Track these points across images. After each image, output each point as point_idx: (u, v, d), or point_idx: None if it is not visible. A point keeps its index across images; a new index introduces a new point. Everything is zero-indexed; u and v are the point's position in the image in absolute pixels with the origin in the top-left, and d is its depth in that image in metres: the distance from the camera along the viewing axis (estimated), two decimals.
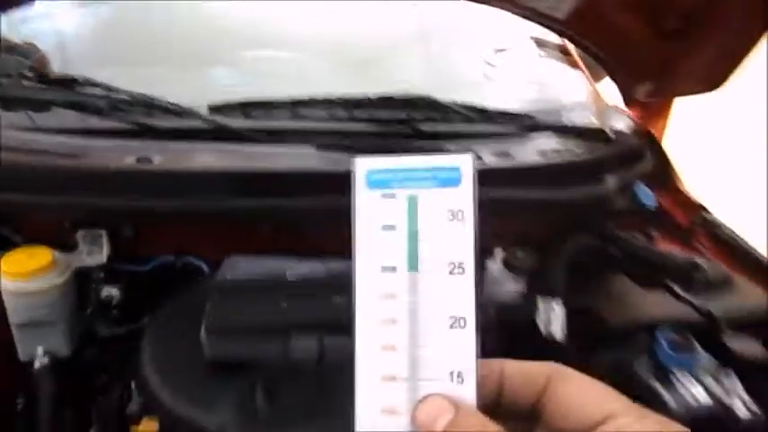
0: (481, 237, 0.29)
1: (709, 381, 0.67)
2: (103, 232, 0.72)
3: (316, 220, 0.72)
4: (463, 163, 0.30)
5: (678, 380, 0.66)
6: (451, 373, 0.28)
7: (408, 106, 0.89)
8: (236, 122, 0.82)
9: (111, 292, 0.71)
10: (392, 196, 0.29)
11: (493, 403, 0.30)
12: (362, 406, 0.29)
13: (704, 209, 1.01)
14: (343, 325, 0.58)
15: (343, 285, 0.60)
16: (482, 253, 0.49)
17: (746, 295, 0.81)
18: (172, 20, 1.29)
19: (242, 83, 1.17)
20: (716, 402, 0.62)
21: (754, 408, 0.63)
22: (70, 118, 0.79)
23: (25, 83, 0.85)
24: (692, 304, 0.76)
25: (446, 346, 0.29)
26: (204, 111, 0.83)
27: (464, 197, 0.29)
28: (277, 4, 1.31)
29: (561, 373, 0.30)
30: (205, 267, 0.75)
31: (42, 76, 0.87)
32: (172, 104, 0.80)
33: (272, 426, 0.52)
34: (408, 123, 0.89)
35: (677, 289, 0.79)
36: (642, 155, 1.03)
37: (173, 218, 0.71)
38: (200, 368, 0.56)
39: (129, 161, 0.73)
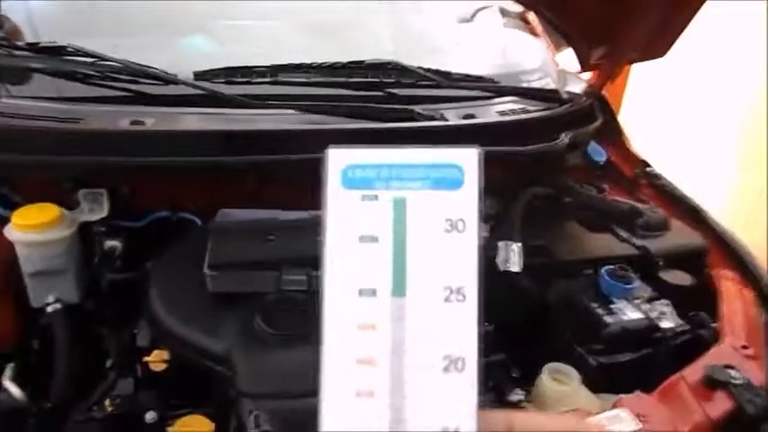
0: None
1: (644, 305, 0.78)
2: (104, 191, 0.79)
3: (296, 174, 0.80)
4: (466, 159, 0.24)
5: (616, 304, 0.77)
6: (445, 429, 0.24)
7: (379, 71, 0.97)
8: (221, 88, 0.89)
9: (113, 244, 0.78)
10: (374, 198, 0.24)
11: None
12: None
13: (647, 163, 1.12)
14: None
15: None
16: None
17: (681, 235, 0.93)
18: None
19: (219, 51, 1.22)
20: (645, 319, 0.73)
21: (679, 321, 0.75)
22: (62, 85, 0.85)
23: (14, 51, 0.89)
24: (632, 243, 0.88)
25: (439, 395, 0.23)
26: (189, 77, 0.89)
27: (466, 203, 0.24)
28: None
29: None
30: (198, 222, 0.82)
31: (30, 45, 0.91)
32: (161, 72, 0.86)
33: (272, 346, 0.61)
34: (379, 87, 0.96)
35: (620, 231, 0.90)
36: (593, 115, 1.13)
37: (166, 174, 0.77)
38: (204, 301, 0.64)
39: (124, 124, 0.79)
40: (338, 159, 0.24)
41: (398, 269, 0.24)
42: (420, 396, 0.24)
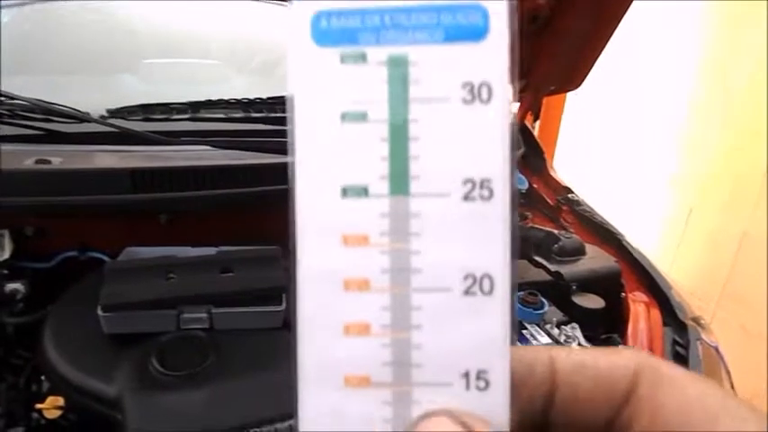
0: None
1: (554, 330, 0.80)
2: (6, 232, 0.77)
3: (208, 210, 0.79)
4: (492, 1, 0.17)
5: (527, 330, 0.78)
6: (466, 374, 0.17)
7: None
8: (136, 125, 0.88)
9: (15, 286, 0.75)
10: (361, 59, 0.17)
11: (539, 421, 0.19)
12: (311, 423, 0.17)
13: (569, 190, 1.16)
14: (230, 298, 0.66)
15: (231, 263, 0.68)
16: None
17: (595, 260, 0.96)
18: (76, 29, 1.32)
19: (148, 89, 1.22)
20: (553, 343, 0.75)
21: (586, 344, 0.76)
22: None
23: None
24: (546, 269, 0.90)
25: (459, 327, 0.17)
26: (103, 114, 0.88)
27: (492, 61, 0.17)
28: (186, 8, 1.37)
29: (655, 368, 0.18)
30: (107, 260, 0.80)
31: None
32: (71, 109, 0.85)
33: (166, 387, 0.59)
34: None
35: (536, 257, 0.93)
36: (517, 145, 1.17)
37: (74, 213, 0.76)
38: (99, 343, 0.63)
39: (29, 163, 0.78)
40: (305, 5, 0.17)
41: (398, 157, 0.17)
42: (432, 329, 0.17)
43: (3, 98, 0.86)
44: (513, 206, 0.17)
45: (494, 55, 0.17)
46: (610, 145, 2.44)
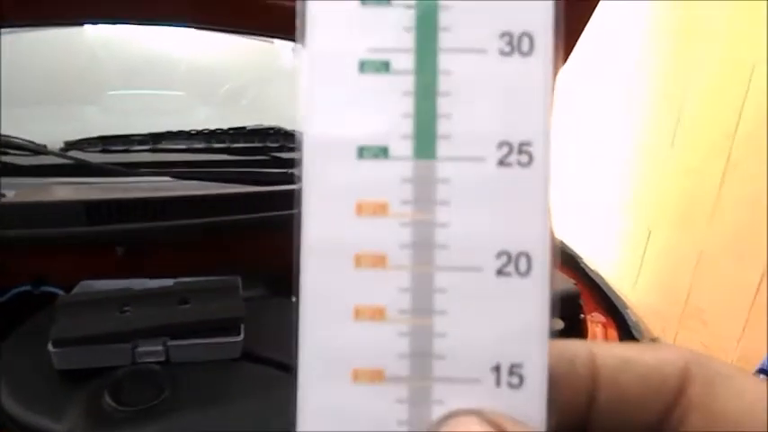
0: None
1: None
2: None
3: (165, 241, 0.79)
4: None
5: None
6: (497, 368, 0.15)
7: (262, 136, 0.99)
8: (94, 157, 0.88)
9: None
10: (385, 1, 0.15)
11: (578, 424, 0.17)
12: (313, 423, 0.15)
13: None
14: (186, 329, 0.66)
15: (188, 294, 0.68)
16: None
17: (554, 282, 0.98)
18: (37, 59, 1.31)
19: (111, 121, 1.22)
20: None
21: None
22: None
23: None
24: None
25: (488, 312, 0.15)
26: (60, 146, 0.88)
27: (534, 8, 0.15)
28: (154, 37, 1.37)
29: (707, 365, 0.17)
30: (63, 294, 0.79)
31: None
32: (26, 141, 0.84)
33: (119, 425, 0.58)
34: (263, 151, 0.99)
35: None
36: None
37: (25, 246, 0.75)
38: (50, 380, 0.61)
39: None
40: None
41: (425, 115, 0.15)
42: (458, 315, 0.15)
43: None
44: (550, 176, 0.15)
45: (537, 1, 0.15)
46: (565, 169, 2.50)
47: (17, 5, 0.81)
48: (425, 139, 0.15)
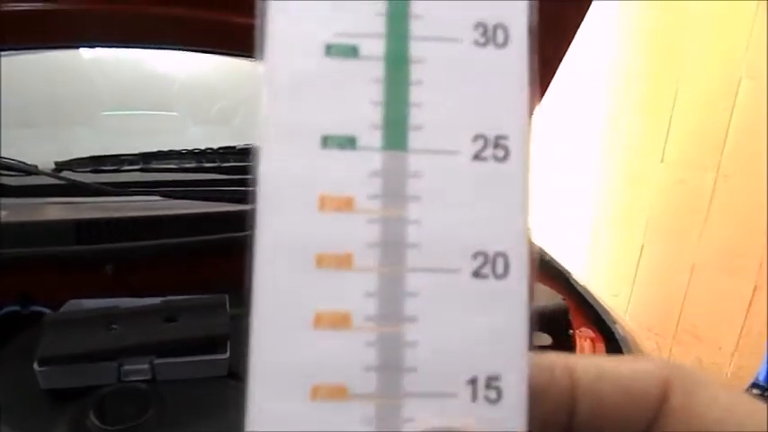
0: None
1: None
2: None
3: (152, 260, 0.80)
4: None
5: None
6: (473, 381, 0.14)
7: (252, 155, 1.00)
8: (85, 177, 0.89)
9: None
10: None
11: None
12: None
13: None
14: (173, 347, 0.66)
15: (175, 312, 0.68)
16: None
17: (542, 297, 0.98)
18: (32, 81, 1.33)
19: (104, 141, 1.23)
20: None
21: None
22: None
23: None
24: None
25: (463, 318, 0.14)
26: (52, 167, 0.89)
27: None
28: (146, 58, 1.39)
29: (688, 378, 0.16)
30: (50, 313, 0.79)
31: None
32: (17, 162, 0.85)
33: None
34: (252, 171, 1.00)
35: None
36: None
37: (12, 266, 0.75)
38: (36, 400, 0.61)
39: None
40: None
41: (395, 104, 0.14)
42: (430, 322, 0.14)
43: None
44: (527, 172, 0.14)
45: None
46: (555, 187, 2.51)
47: (12, 29, 0.82)
48: (396, 130, 0.14)
